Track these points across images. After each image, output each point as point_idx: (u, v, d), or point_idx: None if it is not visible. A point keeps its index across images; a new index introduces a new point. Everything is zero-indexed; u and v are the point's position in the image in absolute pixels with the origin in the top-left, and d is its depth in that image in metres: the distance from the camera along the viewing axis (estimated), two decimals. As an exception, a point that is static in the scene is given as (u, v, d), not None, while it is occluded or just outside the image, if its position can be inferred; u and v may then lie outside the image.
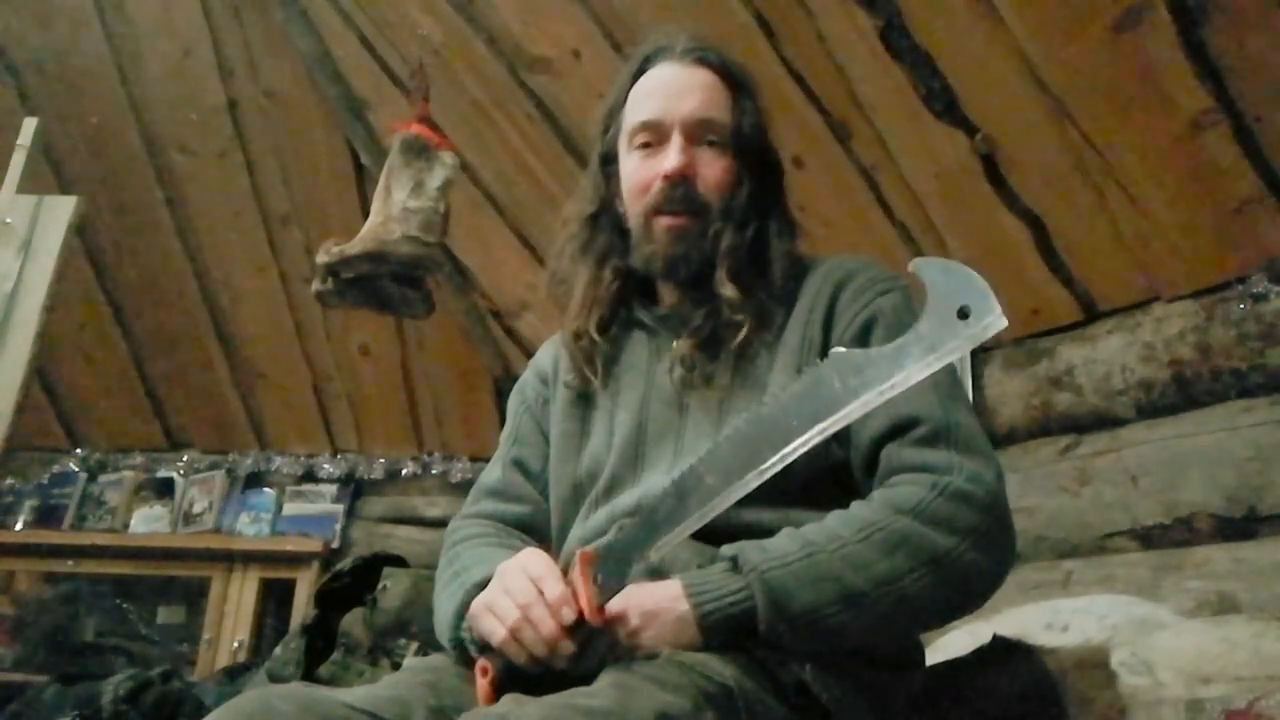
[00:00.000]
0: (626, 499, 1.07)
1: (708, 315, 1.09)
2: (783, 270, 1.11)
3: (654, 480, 1.05)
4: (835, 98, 2.29)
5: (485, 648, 0.96)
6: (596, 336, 1.14)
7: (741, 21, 2.27)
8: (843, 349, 0.85)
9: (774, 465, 0.82)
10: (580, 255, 1.18)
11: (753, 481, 0.84)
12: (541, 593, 0.89)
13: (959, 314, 0.79)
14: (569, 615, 0.87)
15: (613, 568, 0.88)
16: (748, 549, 0.92)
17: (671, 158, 1.09)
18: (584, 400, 1.18)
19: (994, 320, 0.79)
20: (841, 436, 1.01)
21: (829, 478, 1.02)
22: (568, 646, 0.88)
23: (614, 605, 0.89)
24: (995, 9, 1.98)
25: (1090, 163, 2.07)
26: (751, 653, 0.90)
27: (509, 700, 0.79)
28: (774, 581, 0.89)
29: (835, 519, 0.94)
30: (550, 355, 1.27)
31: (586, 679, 0.86)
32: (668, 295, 1.17)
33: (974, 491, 0.93)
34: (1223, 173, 1.95)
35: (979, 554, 0.92)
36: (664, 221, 1.10)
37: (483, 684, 0.92)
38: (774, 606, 0.88)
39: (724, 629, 0.89)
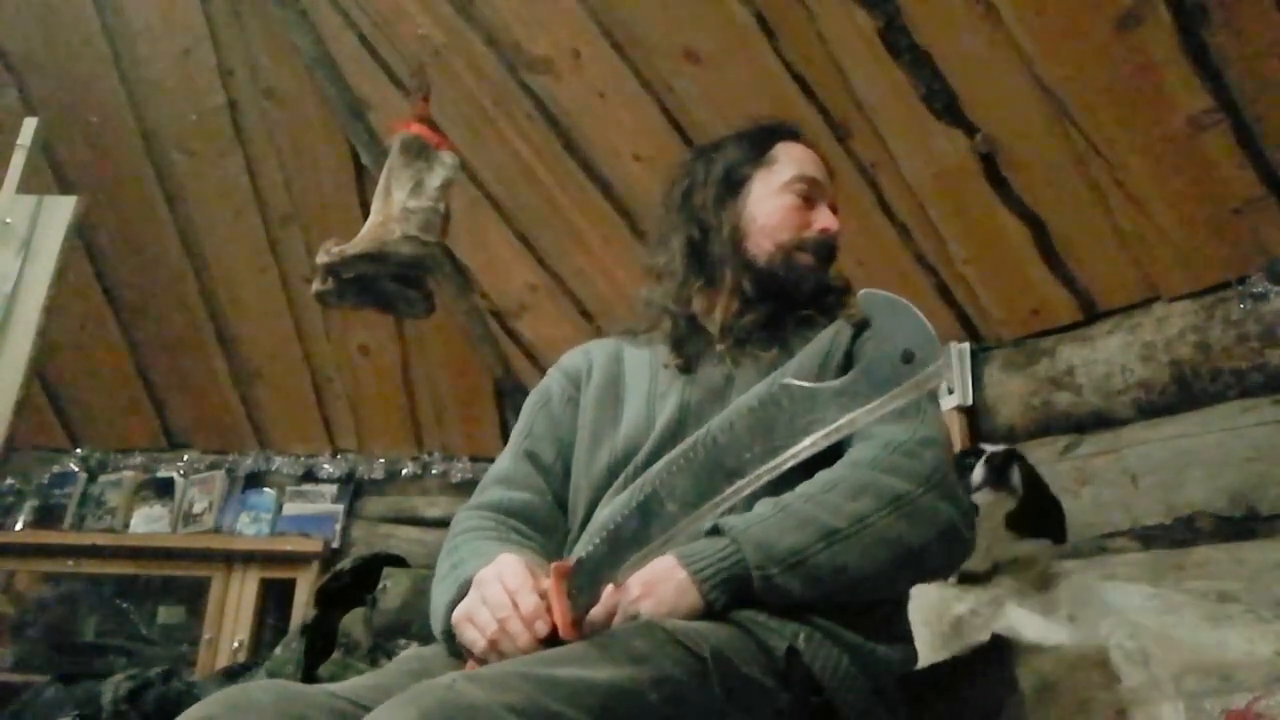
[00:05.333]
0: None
1: (769, 318, 1.24)
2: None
3: None
4: (835, 98, 2.29)
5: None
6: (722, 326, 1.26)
7: (741, 21, 2.27)
8: (792, 380, 0.89)
9: (728, 499, 0.85)
10: (729, 260, 1.29)
11: (708, 514, 0.87)
12: (517, 605, 0.93)
13: (903, 357, 0.80)
14: (542, 629, 0.91)
15: (585, 583, 0.90)
16: (726, 518, 0.99)
17: (831, 219, 1.30)
18: (614, 393, 1.26)
19: (937, 369, 0.81)
20: None
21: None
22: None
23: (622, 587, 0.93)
24: (995, 9, 1.98)
25: (1090, 163, 2.08)
26: (745, 623, 0.93)
27: (459, 671, 0.80)
28: (756, 534, 0.97)
29: (802, 485, 1.03)
30: (583, 359, 1.34)
31: None
32: (721, 310, 1.28)
33: (922, 452, 1.04)
34: (1223, 173, 1.95)
35: (935, 498, 1.01)
36: (807, 259, 1.27)
37: None
38: (761, 553, 0.95)
39: (722, 588, 0.94)
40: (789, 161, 1.33)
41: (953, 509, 1.03)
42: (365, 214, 2.24)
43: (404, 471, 3.41)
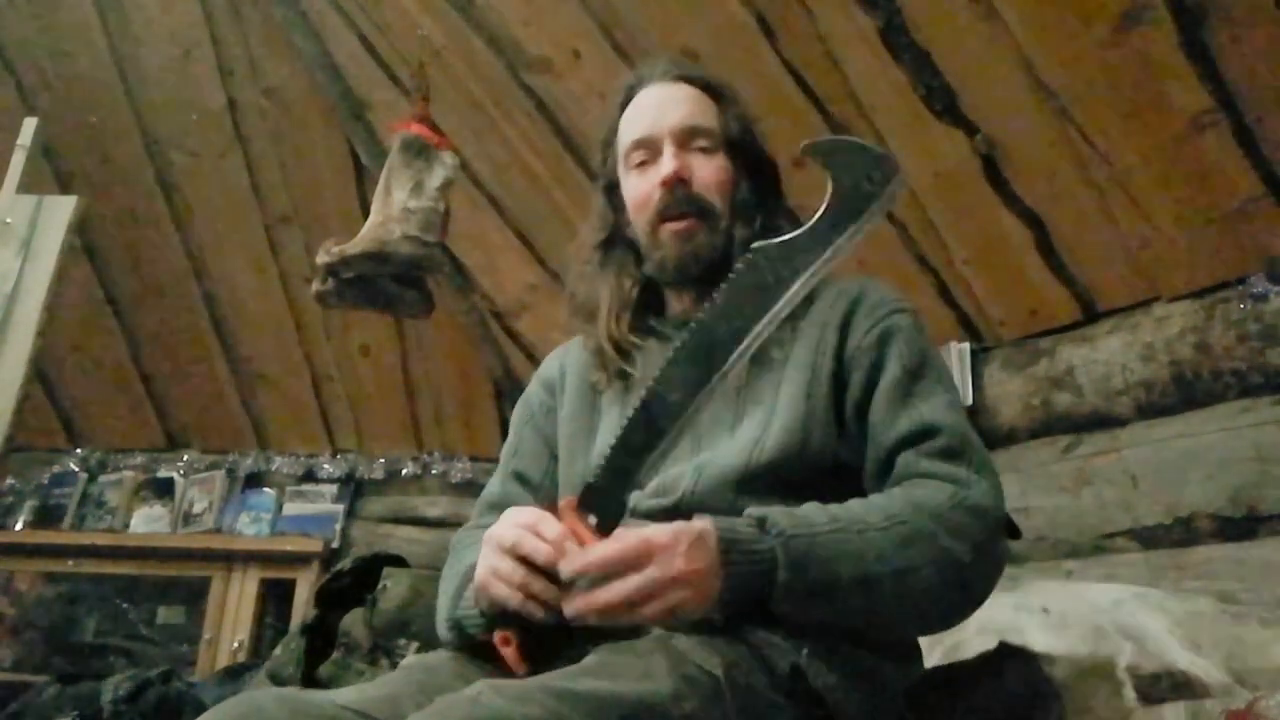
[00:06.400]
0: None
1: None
2: None
3: (670, 470, 1.06)
4: (835, 98, 2.29)
5: (494, 620, 0.95)
6: (631, 336, 1.19)
7: (741, 21, 2.27)
8: (761, 243, 0.89)
9: (734, 362, 0.85)
10: (600, 273, 1.24)
11: (717, 385, 0.86)
12: (540, 534, 0.90)
13: (864, 182, 0.82)
14: (570, 545, 0.88)
15: (608, 505, 0.89)
16: (775, 513, 0.93)
17: (666, 164, 1.16)
18: (592, 404, 1.21)
19: (899, 180, 0.83)
20: (851, 435, 1.07)
21: (834, 476, 1.05)
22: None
23: (664, 536, 0.87)
24: (995, 9, 1.98)
25: (1090, 163, 2.07)
26: (750, 639, 0.92)
27: (483, 683, 0.80)
28: (797, 547, 0.90)
29: (859, 504, 0.97)
30: (556, 365, 1.30)
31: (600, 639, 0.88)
32: (677, 304, 1.22)
33: (988, 509, 0.98)
34: (1223, 173, 1.95)
35: (982, 565, 0.97)
36: (669, 227, 1.16)
37: (509, 652, 0.91)
38: (794, 571, 0.89)
39: (743, 589, 0.89)
40: (624, 131, 1.23)
41: (995, 574, 0.99)
42: (365, 214, 2.24)
43: (404, 471, 3.41)
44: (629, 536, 0.87)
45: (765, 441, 1.05)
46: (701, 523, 0.90)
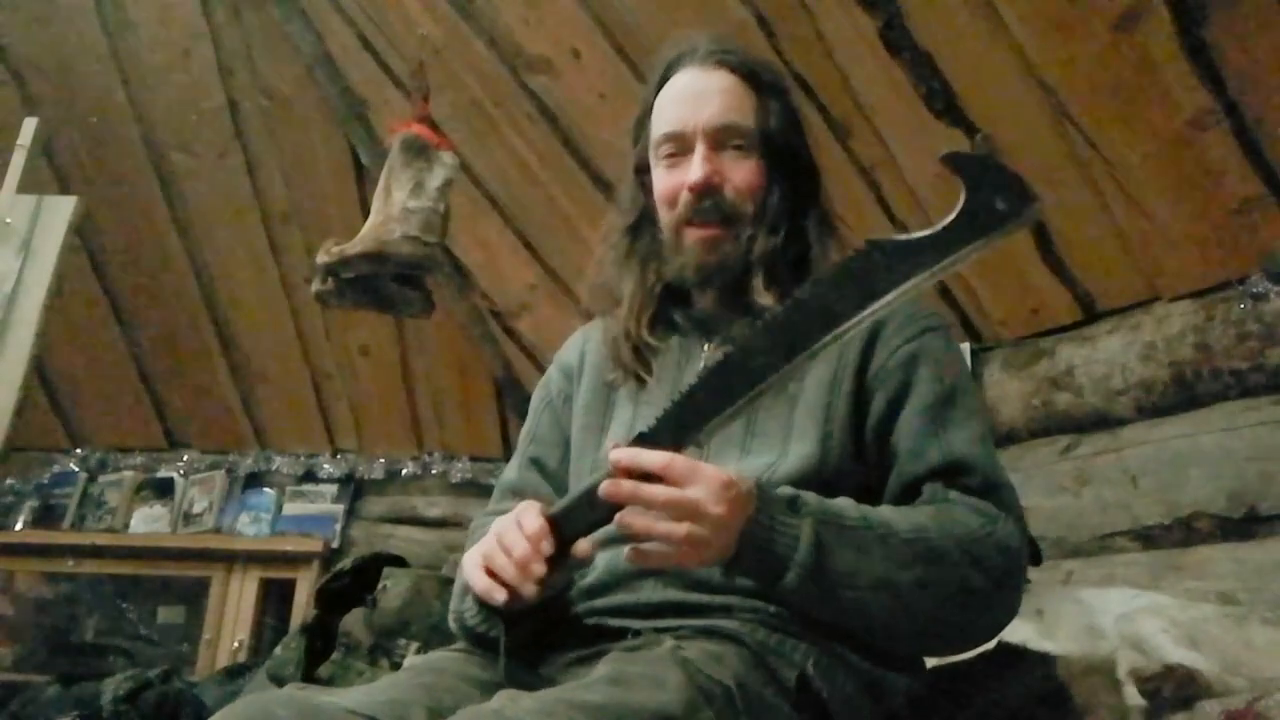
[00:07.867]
0: None
1: (743, 322, 1.10)
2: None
3: None
4: (835, 98, 2.29)
5: (487, 610, 0.97)
6: (649, 337, 1.14)
7: (741, 21, 2.27)
8: (880, 238, 0.86)
9: (827, 343, 0.84)
10: (625, 261, 1.19)
11: (803, 363, 0.85)
12: (520, 525, 0.91)
13: (998, 201, 0.81)
14: (548, 548, 0.88)
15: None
16: (808, 496, 0.92)
17: (695, 169, 1.09)
18: (607, 397, 1.17)
19: (1034, 210, 0.81)
20: (870, 459, 1.04)
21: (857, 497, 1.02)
22: (539, 569, 0.89)
23: (719, 474, 0.86)
24: (995, 9, 1.98)
25: (1090, 163, 2.07)
26: (758, 649, 0.92)
27: (503, 696, 0.80)
28: (824, 534, 0.89)
29: (890, 510, 0.96)
30: (576, 350, 1.26)
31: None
32: (701, 299, 1.17)
33: (1014, 549, 0.96)
34: (1223, 173, 1.95)
35: (996, 600, 0.95)
36: (694, 233, 1.11)
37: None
38: (814, 556, 0.88)
39: (756, 558, 0.89)
40: (657, 117, 1.16)
41: (1008, 613, 0.98)
42: (365, 214, 2.24)
43: (404, 471, 3.41)
44: (683, 458, 0.86)
45: (779, 467, 1.01)
46: (749, 482, 0.89)
